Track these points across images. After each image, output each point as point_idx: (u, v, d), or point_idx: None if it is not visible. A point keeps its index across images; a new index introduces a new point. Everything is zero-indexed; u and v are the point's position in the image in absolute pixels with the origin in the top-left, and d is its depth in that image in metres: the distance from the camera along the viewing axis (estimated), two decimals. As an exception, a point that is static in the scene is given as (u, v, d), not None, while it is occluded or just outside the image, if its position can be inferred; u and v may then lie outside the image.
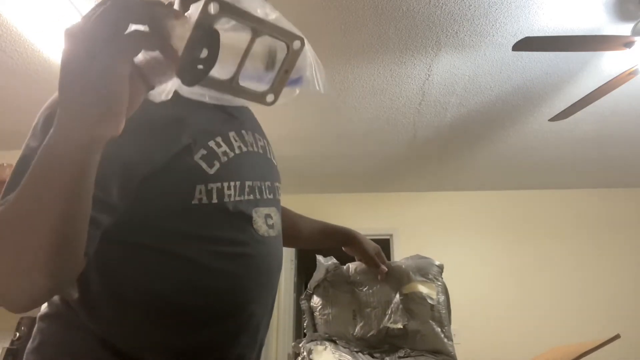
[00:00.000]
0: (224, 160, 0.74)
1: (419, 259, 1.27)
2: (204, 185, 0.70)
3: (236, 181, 0.74)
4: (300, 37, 0.47)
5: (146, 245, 0.69)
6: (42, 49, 2.51)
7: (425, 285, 1.19)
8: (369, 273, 1.24)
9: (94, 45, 0.41)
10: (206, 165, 0.71)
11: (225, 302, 0.73)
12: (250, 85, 0.49)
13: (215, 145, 0.74)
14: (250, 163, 0.79)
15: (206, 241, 0.71)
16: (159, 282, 0.69)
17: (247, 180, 0.77)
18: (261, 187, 0.81)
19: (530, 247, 4.23)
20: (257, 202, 0.78)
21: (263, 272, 0.78)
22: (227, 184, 0.73)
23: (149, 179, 0.67)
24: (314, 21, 2.26)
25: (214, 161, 0.72)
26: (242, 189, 0.75)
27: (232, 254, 0.73)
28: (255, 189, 0.79)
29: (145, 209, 0.68)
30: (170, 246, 0.69)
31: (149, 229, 0.69)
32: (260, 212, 0.79)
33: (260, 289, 0.77)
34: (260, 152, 0.84)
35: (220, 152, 0.74)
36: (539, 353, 1.49)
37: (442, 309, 1.18)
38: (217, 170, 0.72)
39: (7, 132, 3.44)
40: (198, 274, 0.70)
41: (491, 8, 2.16)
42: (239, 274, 0.74)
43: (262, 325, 0.81)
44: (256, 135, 0.85)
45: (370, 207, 4.54)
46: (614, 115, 3.07)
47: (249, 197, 0.77)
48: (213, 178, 0.71)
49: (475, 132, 3.35)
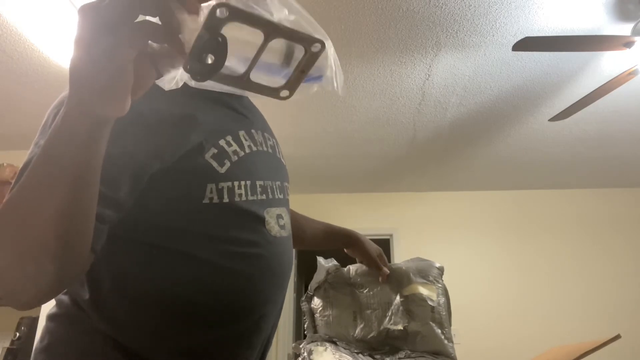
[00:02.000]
0: (235, 159, 0.73)
1: (419, 262, 1.27)
2: (215, 184, 0.69)
3: (247, 180, 0.73)
4: (319, 40, 0.46)
5: (157, 245, 0.69)
6: (42, 49, 2.51)
7: (425, 287, 1.19)
8: (369, 275, 1.24)
9: (102, 26, 0.42)
10: (217, 164, 0.70)
11: (237, 303, 0.72)
12: (264, 79, 0.48)
13: (225, 144, 0.73)
14: (260, 162, 0.79)
15: (217, 241, 0.70)
16: (169, 282, 0.69)
17: (258, 179, 0.76)
18: (272, 187, 0.80)
19: (530, 247, 4.23)
20: (269, 202, 0.77)
21: (276, 273, 0.77)
22: (237, 183, 0.72)
23: (159, 176, 0.66)
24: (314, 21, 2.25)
25: (224, 160, 0.71)
26: (254, 188, 0.75)
27: (244, 254, 0.72)
28: (267, 189, 0.78)
29: (155, 208, 0.67)
30: (181, 246, 0.69)
31: (159, 229, 0.68)
32: (272, 212, 0.78)
33: (272, 290, 0.77)
34: (269, 151, 0.83)
35: (231, 151, 0.73)
36: (539, 353, 1.48)
37: (443, 310, 1.18)
38: (228, 169, 0.71)
39: (7, 132, 3.44)
40: (209, 274, 0.70)
41: (491, 8, 2.16)
42: (252, 275, 0.73)
43: (272, 326, 0.81)
44: (265, 135, 0.85)
45: (370, 207, 4.54)
46: (614, 115, 3.07)
47: (262, 197, 0.76)
48: (224, 177, 0.70)
49: (475, 132, 3.35)
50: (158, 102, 0.66)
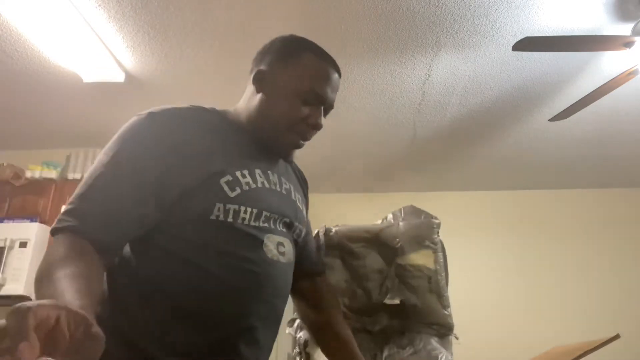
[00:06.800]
0: (246, 189, 0.83)
1: (413, 220, 1.23)
2: (223, 205, 0.80)
3: (253, 208, 0.83)
4: None
5: (167, 250, 0.79)
6: (42, 49, 2.51)
7: (421, 255, 1.17)
8: (357, 240, 1.21)
9: None
10: (228, 188, 0.81)
11: (223, 309, 0.81)
12: None
13: (240, 175, 0.84)
14: (270, 197, 0.88)
15: (217, 253, 0.80)
16: (175, 284, 0.79)
17: (265, 210, 0.85)
18: (278, 220, 0.89)
19: (530, 247, 4.23)
20: (270, 230, 0.86)
21: (266, 290, 0.84)
22: (244, 208, 0.82)
23: (183, 193, 0.78)
24: (314, 21, 2.25)
25: (236, 187, 0.82)
26: (258, 216, 0.84)
27: (239, 268, 0.81)
28: (271, 219, 0.87)
29: (174, 219, 0.79)
30: (187, 253, 0.79)
31: (171, 236, 0.79)
32: (273, 238, 0.86)
33: (260, 305, 0.84)
34: (283, 192, 0.93)
35: (244, 182, 0.84)
36: (539, 353, 1.48)
37: (440, 273, 1.15)
38: (237, 195, 0.82)
39: (6, 132, 3.43)
40: (206, 281, 0.79)
41: (491, 8, 2.16)
42: (240, 286, 0.81)
43: (263, 343, 0.86)
44: (282, 179, 0.94)
45: (370, 207, 4.53)
46: (614, 115, 3.06)
47: (264, 225, 0.85)
48: (232, 200, 0.81)
49: (475, 132, 3.35)
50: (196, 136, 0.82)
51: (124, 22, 2.31)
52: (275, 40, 0.95)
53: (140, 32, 2.38)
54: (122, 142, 0.80)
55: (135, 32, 2.38)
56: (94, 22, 2.29)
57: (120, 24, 2.32)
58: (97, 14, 2.24)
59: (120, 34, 2.39)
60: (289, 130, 0.89)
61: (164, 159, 0.78)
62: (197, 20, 2.28)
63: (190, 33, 2.38)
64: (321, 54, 0.92)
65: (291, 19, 2.24)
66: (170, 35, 2.40)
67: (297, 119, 0.88)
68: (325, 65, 0.91)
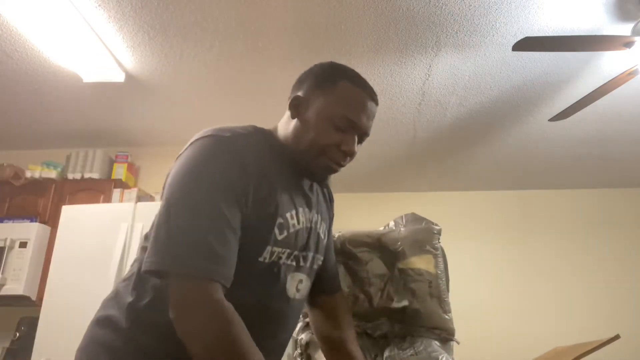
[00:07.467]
0: (291, 231, 0.89)
1: (414, 226, 1.24)
2: (271, 247, 0.85)
3: (290, 249, 0.89)
4: None
5: None
6: (42, 49, 2.51)
7: (422, 259, 1.18)
8: (360, 244, 1.23)
9: None
10: (278, 232, 0.86)
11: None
12: None
13: (290, 217, 0.89)
14: (302, 236, 0.93)
15: (247, 288, 0.83)
16: None
17: (295, 250, 0.91)
18: (303, 257, 0.94)
19: (530, 247, 4.23)
20: (295, 268, 0.92)
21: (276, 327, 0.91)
22: (283, 250, 0.87)
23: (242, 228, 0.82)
24: (314, 21, 2.25)
25: (284, 230, 0.87)
26: (290, 256, 0.90)
27: (256, 304, 0.85)
28: (299, 257, 0.92)
29: None
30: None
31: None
32: (296, 277, 0.92)
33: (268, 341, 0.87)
34: (313, 227, 0.97)
35: (291, 224, 0.89)
36: (539, 353, 1.48)
37: (441, 278, 1.16)
38: (284, 238, 0.87)
39: (6, 132, 3.43)
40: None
41: (491, 8, 2.16)
42: (255, 322, 0.81)
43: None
44: (313, 212, 0.99)
45: (370, 207, 4.53)
46: (614, 115, 3.06)
47: (292, 263, 0.91)
48: (279, 243, 0.86)
49: (476, 132, 3.35)
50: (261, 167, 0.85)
51: (124, 22, 2.31)
52: (315, 67, 0.98)
53: (140, 32, 2.38)
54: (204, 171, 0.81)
55: (135, 32, 2.38)
56: (94, 22, 2.30)
57: (120, 24, 2.32)
58: (97, 14, 2.24)
59: (120, 34, 2.39)
60: (321, 156, 0.91)
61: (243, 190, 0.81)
62: (197, 20, 2.28)
63: (190, 33, 2.38)
64: (358, 82, 0.94)
65: (291, 20, 2.24)
66: (170, 35, 2.40)
67: (328, 144, 0.90)
68: (360, 92, 0.94)
